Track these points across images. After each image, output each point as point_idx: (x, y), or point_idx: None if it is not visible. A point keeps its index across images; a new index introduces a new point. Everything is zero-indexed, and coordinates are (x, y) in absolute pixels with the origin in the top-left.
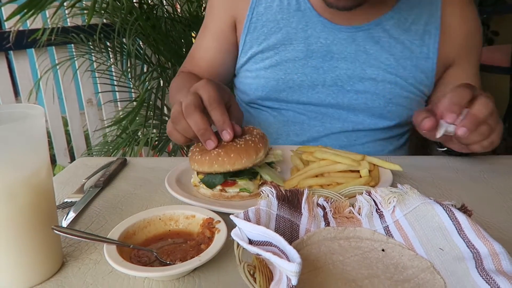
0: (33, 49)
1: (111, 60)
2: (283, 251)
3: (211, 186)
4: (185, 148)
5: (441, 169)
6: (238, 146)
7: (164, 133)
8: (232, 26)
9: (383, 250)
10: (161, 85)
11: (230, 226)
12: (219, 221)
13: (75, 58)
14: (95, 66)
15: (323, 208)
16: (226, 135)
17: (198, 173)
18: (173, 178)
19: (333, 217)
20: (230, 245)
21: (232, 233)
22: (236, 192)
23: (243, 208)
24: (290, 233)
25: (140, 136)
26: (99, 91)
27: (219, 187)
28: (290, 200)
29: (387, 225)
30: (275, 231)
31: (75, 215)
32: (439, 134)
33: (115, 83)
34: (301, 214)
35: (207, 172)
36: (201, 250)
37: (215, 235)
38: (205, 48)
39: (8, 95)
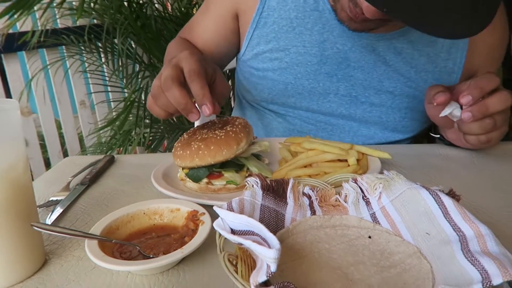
0: (23, 52)
1: (101, 60)
2: (264, 239)
3: (196, 179)
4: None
5: (431, 157)
6: (218, 138)
7: (157, 132)
8: (234, 15)
9: (369, 237)
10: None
11: (215, 218)
12: (204, 213)
13: (66, 59)
14: (86, 67)
15: (309, 197)
16: (206, 110)
17: (183, 168)
18: (160, 173)
19: (319, 206)
20: (214, 237)
21: (214, 224)
22: (223, 185)
23: (227, 200)
24: (275, 223)
25: (134, 136)
26: (92, 91)
27: (205, 180)
28: (275, 190)
29: (374, 212)
30: (259, 222)
31: (59, 213)
32: (444, 112)
33: (107, 83)
34: (287, 204)
35: (190, 166)
36: (184, 243)
37: (199, 227)
38: (203, 27)
39: (0, 97)
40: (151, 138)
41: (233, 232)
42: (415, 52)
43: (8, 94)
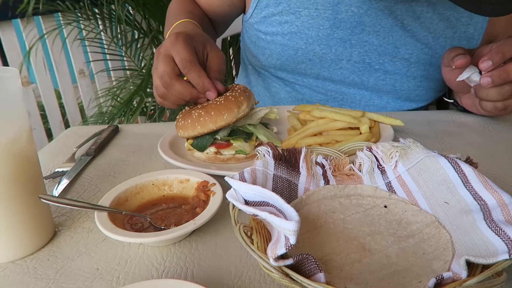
0: (19, 20)
1: (100, 27)
2: (281, 210)
3: (201, 148)
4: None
5: (444, 124)
6: (218, 103)
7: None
8: None
9: (385, 206)
10: (154, 52)
11: (226, 188)
12: (214, 184)
13: (63, 27)
14: (84, 35)
15: (322, 166)
16: (211, 95)
17: (187, 139)
18: (166, 143)
19: (332, 175)
20: (226, 208)
21: (227, 195)
22: (232, 154)
23: (240, 170)
24: (288, 193)
25: (135, 105)
26: (90, 60)
27: (213, 150)
28: (288, 159)
29: (389, 181)
30: (272, 192)
31: (66, 184)
32: (462, 77)
33: (106, 51)
34: (299, 173)
35: (193, 135)
36: (196, 214)
37: (210, 198)
38: None
39: None
40: (153, 107)
41: (247, 203)
42: (434, 16)
43: (5, 64)
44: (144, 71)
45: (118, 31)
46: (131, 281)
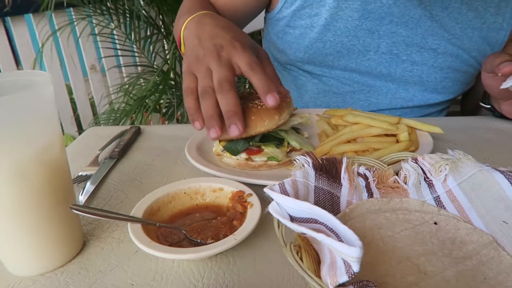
0: (31, 15)
1: (113, 23)
2: (333, 229)
3: (235, 153)
4: None
5: (481, 130)
6: (259, 107)
7: (173, 98)
8: None
9: (435, 223)
10: (166, 48)
11: (262, 199)
12: (251, 194)
13: (75, 23)
14: (96, 31)
15: (365, 178)
16: (272, 101)
17: (219, 140)
18: (193, 146)
19: (376, 188)
20: (263, 220)
21: (271, 209)
22: (264, 161)
23: (272, 178)
24: (330, 206)
25: (149, 102)
26: (102, 56)
27: (244, 156)
28: (328, 169)
29: (438, 195)
30: (315, 205)
31: (92, 190)
32: (506, 84)
33: (118, 47)
34: (341, 185)
35: (228, 138)
36: (233, 227)
37: (247, 210)
38: None
39: (9, 64)
40: (167, 104)
41: (292, 219)
42: (463, 6)
43: (16, 58)
44: (156, 66)
45: (132, 27)
46: None
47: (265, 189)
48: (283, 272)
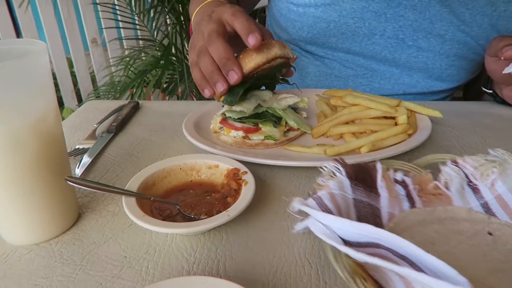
0: None
1: None
2: (406, 257)
3: (233, 102)
4: (195, 90)
5: (482, 116)
6: (247, 49)
7: (174, 74)
8: None
9: (489, 233)
10: (168, 22)
11: (257, 177)
12: (246, 172)
13: None
14: (97, 2)
15: (404, 185)
16: (253, 40)
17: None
18: (191, 123)
19: (418, 196)
20: (257, 198)
21: (317, 231)
22: (261, 140)
23: (268, 156)
24: (373, 220)
25: (150, 77)
26: (103, 27)
27: (241, 134)
28: (362, 178)
29: (486, 201)
30: (357, 220)
31: (88, 163)
32: (508, 69)
33: (119, 18)
34: (379, 195)
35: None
36: (227, 203)
37: (242, 187)
38: None
39: (10, 34)
40: (167, 80)
41: (345, 242)
42: None
43: (16, 29)
44: (157, 40)
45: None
46: (160, 271)
47: (298, 205)
48: (275, 248)
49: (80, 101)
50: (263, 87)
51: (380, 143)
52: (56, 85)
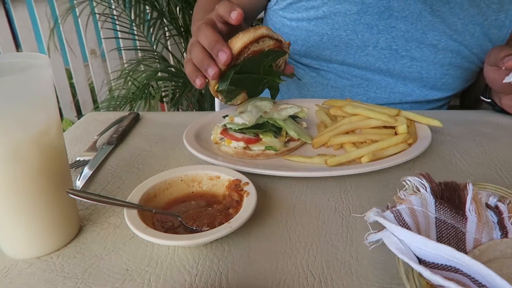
0: None
1: (114, 5)
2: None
3: (224, 85)
4: (197, 105)
5: (480, 124)
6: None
7: (176, 87)
8: None
9: None
10: (167, 34)
11: (258, 187)
12: (247, 183)
13: (76, 6)
14: (96, 12)
15: (498, 212)
16: (234, 14)
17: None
18: (191, 134)
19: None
20: (258, 209)
21: (392, 246)
22: (261, 150)
23: (269, 167)
24: (455, 244)
25: (151, 91)
26: (102, 37)
27: (242, 144)
28: (449, 197)
29: None
30: (437, 241)
31: (89, 175)
32: (509, 79)
33: (118, 28)
34: (466, 218)
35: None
36: (229, 215)
37: (243, 199)
38: None
39: (9, 47)
40: (169, 91)
41: (420, 260)
42: (465, 2)
43: (16, 41)
44: (157, 52)
45: (136, 10)
46: (163, 284)
47: (373, 215)
48: (278, 260)
49: (79, 112)
50: (267, 90)
51: (380, 152)
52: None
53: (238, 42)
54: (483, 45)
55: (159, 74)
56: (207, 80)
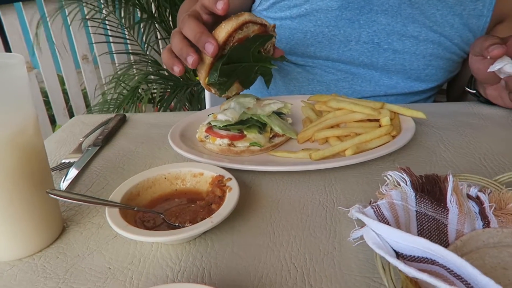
0: (21, 3)
1: (105, 10)
2: (462, 277)
3: (214, 77)
4: (188, 105)
5: (465, 116)
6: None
7: (166, 89)
8: None
9: None
10: (158, 37)
11: (243, 183)
12: (230, 179)
13: (65, 7)
14: (86, 14)
15: (479, 202)
16: (221, 4)
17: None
18: (177, 133)
19: (494, 215)
20: (242, 204)
21: (368, 240)
22: (246, 147)
23: (254, 163)
24: (437, 236)
25: (142, 93)
26: (93, 42)
27: (226, 141)
28: (430, 190)
29: None
30: (418, 234)
31: (74, 176)
32: (493, 67)
33: (109, 33)
34: (448, 210)
35: (206, 68)
36: (212, 211)
37: (226, 194)
38: None
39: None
40: (161, 94)
41: (397, 254)
42: None
43: (7, 48)
44: (149, 56)
45: (125, 13)
46: (145, 281)
47: (354, 212)
48: (261, 254)
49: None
50: (260, 78)
51: (364, 145)
52: (48, 102)
53: (222, 32)
54: (464, 36)
55: (152, 77)
56: (197, 77)
